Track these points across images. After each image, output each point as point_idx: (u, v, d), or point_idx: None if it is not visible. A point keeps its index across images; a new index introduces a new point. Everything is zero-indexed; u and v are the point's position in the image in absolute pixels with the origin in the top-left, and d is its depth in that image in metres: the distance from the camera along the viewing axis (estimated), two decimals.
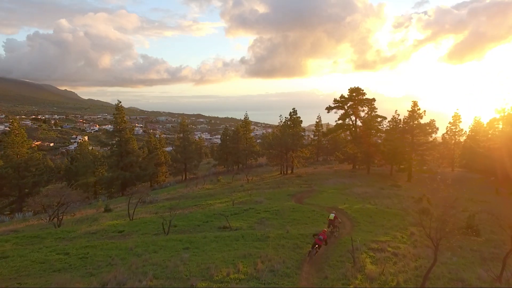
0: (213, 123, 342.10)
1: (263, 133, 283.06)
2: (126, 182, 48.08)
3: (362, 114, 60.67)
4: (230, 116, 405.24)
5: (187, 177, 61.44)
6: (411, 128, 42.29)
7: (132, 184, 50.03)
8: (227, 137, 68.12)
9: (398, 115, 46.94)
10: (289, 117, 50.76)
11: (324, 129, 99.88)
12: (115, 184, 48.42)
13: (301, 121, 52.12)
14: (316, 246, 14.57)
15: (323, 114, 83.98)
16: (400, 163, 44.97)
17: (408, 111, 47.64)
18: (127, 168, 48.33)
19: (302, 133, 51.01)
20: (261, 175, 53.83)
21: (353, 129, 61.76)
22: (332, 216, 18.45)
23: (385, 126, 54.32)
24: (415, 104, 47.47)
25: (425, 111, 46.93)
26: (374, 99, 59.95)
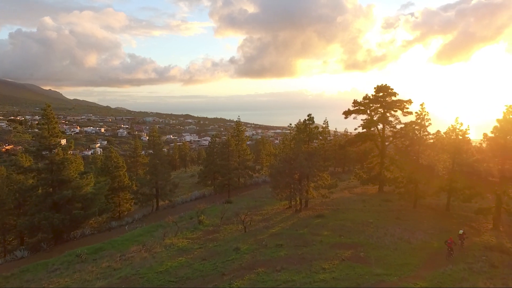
0: (202, 124, 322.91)
1: (253, 134, 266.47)
2: (61, 226, 30.30)
3: (392, 119, 44.64)
4: (219, 117, 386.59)
5: (159, 206, 43.80)
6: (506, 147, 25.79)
7: (74, 227, 32.32)
8: (215, 150, 50.74)
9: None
10: (302, 126, 33.67)
11: (332, 136, 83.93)
12: (44, 229, 30.51)
13: (320, 130, 35.23)
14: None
15: (331, 117, 67.82)
16: (470, 197, 28.62)
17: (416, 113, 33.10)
18: (60, 206, 30.56)
19: (319, 147, 33.95)
20: (262, 209, 36.70)
21: (380, 140, 45.42)
22: (461, 232, 21.66)
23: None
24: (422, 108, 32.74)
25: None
26: (410, 101, 43.71)
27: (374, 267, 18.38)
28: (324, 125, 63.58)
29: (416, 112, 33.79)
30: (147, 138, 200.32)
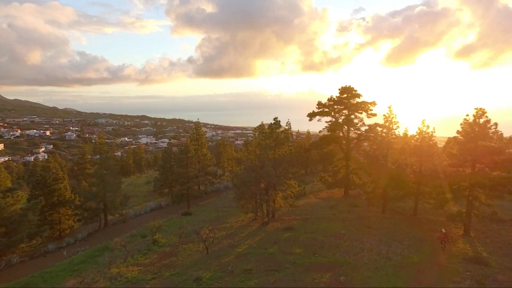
0: (159, 125, 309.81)
1: (212, 135, 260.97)
2: None
3: (357, 121, 43.54)
4: (177, 117, 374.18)
5: (108, 222, 38.53)
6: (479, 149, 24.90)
7: None
8: (172, 156, 46.20)
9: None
10: (268, 131, 30.78)
11: (295, 137, 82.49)
12: None
13: (289, 134, 32.64)
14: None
15: (290, 117, 66.09)
16: (443, 203, 27.66)
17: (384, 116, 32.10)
18: None
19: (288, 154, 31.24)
20: (225, 222, 33.28)
21: (345, 143, 44.14)
22: (443, 230, 22.80)
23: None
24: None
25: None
26: (374, 103, 42.84)
27: None
28: (286, 127, 61.63)
29: (384, 115, 32.54)
30: None
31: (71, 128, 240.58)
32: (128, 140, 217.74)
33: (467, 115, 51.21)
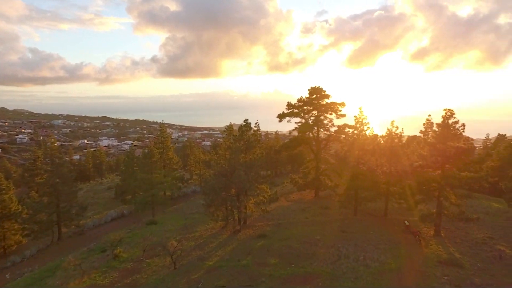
0: (122, 127, 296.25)
1: (179, 136, 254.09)
2: None
3: (326, 122, 43.19)
4: (141, 118, 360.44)
5: (62, 235, 34.83)
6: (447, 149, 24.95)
7: None
8: (134, 160, 43.00)
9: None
10: (239, 133, 29.15)
11: (263, 137, 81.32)
12: None
13: (259, 135, 31.20)
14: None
15: (256, 117, 65.08)
16: (416, 204, 27.63)
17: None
18: None
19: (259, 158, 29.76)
20: (194, 230, 31.14)
21: (315, 144, 43.66)
22: (407, 223, 25.84)
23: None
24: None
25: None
26: (343, 103, 42.68)
27: None
28: (255, 128, 60.38)
29: (355, 116, 32.19)
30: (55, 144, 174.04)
31: (23, 130, 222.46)
32: (87, 142, 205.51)
33: (429, 115, 52.66)
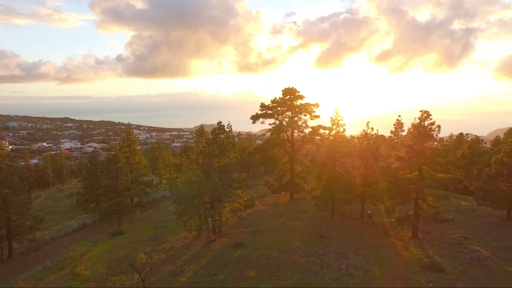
0: (85, 128, 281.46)
1: (147, 138, 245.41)
2: None
3: (300, 123, 42.39)
4: (106, 119, 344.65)
5: (13, 251, 31.09)
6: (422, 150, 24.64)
7: None
8: (97, 166, 39.65)
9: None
10: (212, 137, 27.31)
11: (236, 139, 79.46)
12: None
13: (232, 137, 29.56)
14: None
15: (227, 117, 63.41)
16: (394, 207, 27.25)
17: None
18: None
19: (234, 162, 28.07)
20: (164, 241, 28.89)
21: (289, 146, 42.73)
22: (369, 211, 28.83)
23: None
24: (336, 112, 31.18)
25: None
26: (317, 104, 42.08)
27: None
28: (228, 130, 58.57)
29: (331, 117, 31.48)
30: (10, 148, 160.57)
31: None
32: (47, 145, 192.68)
33: (399, 116, 53.16)
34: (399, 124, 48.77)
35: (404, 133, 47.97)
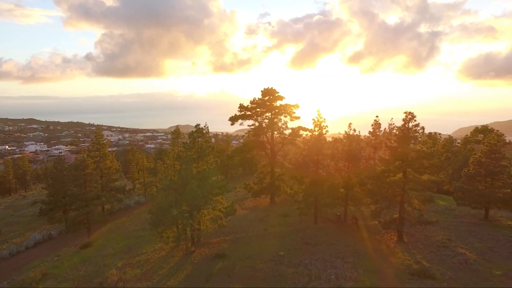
0: (52, 130, 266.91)
1: (119, 139, 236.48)
2: None
3: (280, 124, 41.28)
4: (75, 121, 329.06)
5: None
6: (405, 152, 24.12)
7: None
8: (64, 172, 36.41)
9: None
10: (190, 140, 25.45)
11: (213, 140, 77.21)
12: None
13: (211, 142, 27.78)
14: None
15: (202, 117, 61.44)
16: (380, 211, 26.61)
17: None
18: None
19: (212, 167, 26.33)
20: (139, 253, 26.66)
21: (269, 148, 41.52)
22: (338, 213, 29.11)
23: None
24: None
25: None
26: (297, 105, 41.14)
27: None
28: (205, 131, 56.54)
29: (313, 119, 30.48)
30: None
31: None
32: (9, 148, 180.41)
33: (377, 116, 53.28)
34: (377, 125, 48.92)
35: (380, 134, 48.29)
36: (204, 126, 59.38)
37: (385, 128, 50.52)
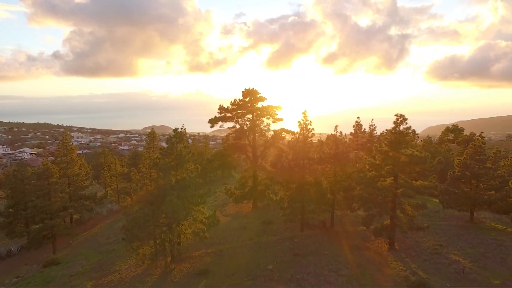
0: (16, 132, 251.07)
1: (90, 141, 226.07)
2: None
3: (262, 126, 39.54)
4: (42, 122, 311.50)
5: None
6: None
7: None
8: (24, 181, 32.66)
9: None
10: (168, 146, 23.10)
11: (190, 141, 74.14)
12: None
13: (192, 149, 25.53)
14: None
15: (177, 117, 58.65)
16: (372, 218, 25.41)
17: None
18: None
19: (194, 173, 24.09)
20: (112, 271, 23.93)
21: (251, 151, 39.66)
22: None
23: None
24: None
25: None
26: (279, 107, 39.53)
27: None
28: (183, 133, 53.71)
29: (298, 121, 28.95)
30: None
31: None
32: None
33: (358, 117, 52.50)
34: (358, 126, 48.40)
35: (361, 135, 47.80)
36: (182, 129, 56.57)
37: (364, 129, 50.12)
